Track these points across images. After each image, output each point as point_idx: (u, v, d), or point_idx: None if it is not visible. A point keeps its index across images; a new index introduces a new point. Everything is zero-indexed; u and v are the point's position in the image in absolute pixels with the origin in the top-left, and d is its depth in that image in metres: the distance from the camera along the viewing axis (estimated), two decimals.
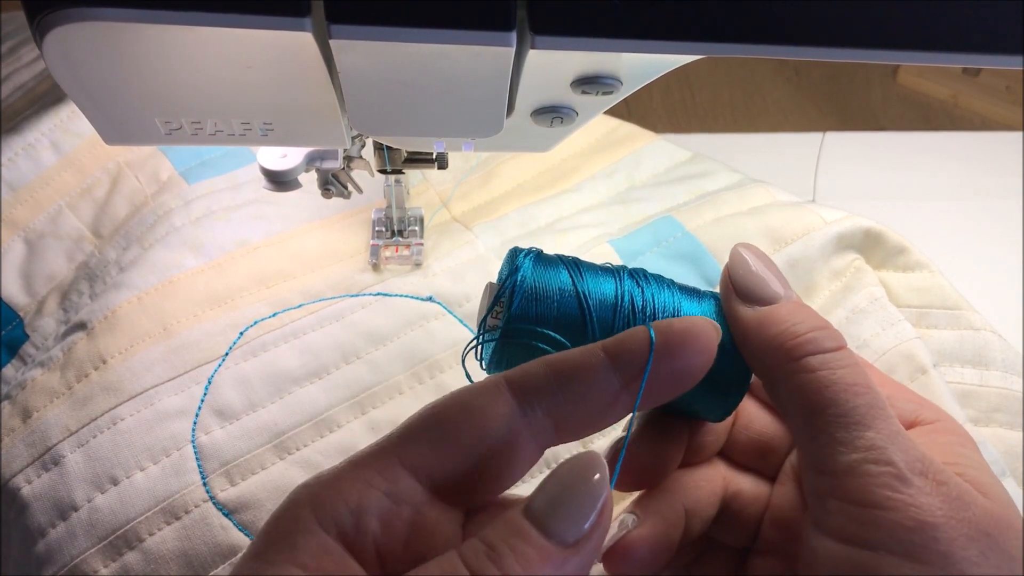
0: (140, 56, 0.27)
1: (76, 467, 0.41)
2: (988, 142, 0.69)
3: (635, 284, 0.31)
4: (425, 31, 0.26)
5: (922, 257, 0.49)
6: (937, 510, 0.26)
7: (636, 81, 0.32)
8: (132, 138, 0.31)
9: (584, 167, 0.58)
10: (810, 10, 0.26)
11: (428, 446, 0.25)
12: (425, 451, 0.25)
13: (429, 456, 0.25)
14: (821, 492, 0.28)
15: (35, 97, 0.61)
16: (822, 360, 0.29)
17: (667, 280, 0.33)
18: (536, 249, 0.32)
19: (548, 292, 0.30)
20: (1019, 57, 0.27)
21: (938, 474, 0.27)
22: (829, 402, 0.28)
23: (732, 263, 0.32)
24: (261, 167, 0.42)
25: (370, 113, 0.31)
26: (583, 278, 0.31)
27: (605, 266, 0.32)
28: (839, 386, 0.28)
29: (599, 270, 0.32)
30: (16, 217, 0.53)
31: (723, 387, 0.31)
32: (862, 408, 0.27)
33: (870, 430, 0.27)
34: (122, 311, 0.47)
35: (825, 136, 0.68)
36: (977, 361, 0.45)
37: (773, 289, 0.31)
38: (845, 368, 0.28)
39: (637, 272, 0.32)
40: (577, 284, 0.31)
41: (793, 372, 0.29)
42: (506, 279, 0.30)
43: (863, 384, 0.28)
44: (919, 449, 0.27)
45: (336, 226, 0.53)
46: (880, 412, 0.28)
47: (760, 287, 0.31)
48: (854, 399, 0.28)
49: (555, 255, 0.32)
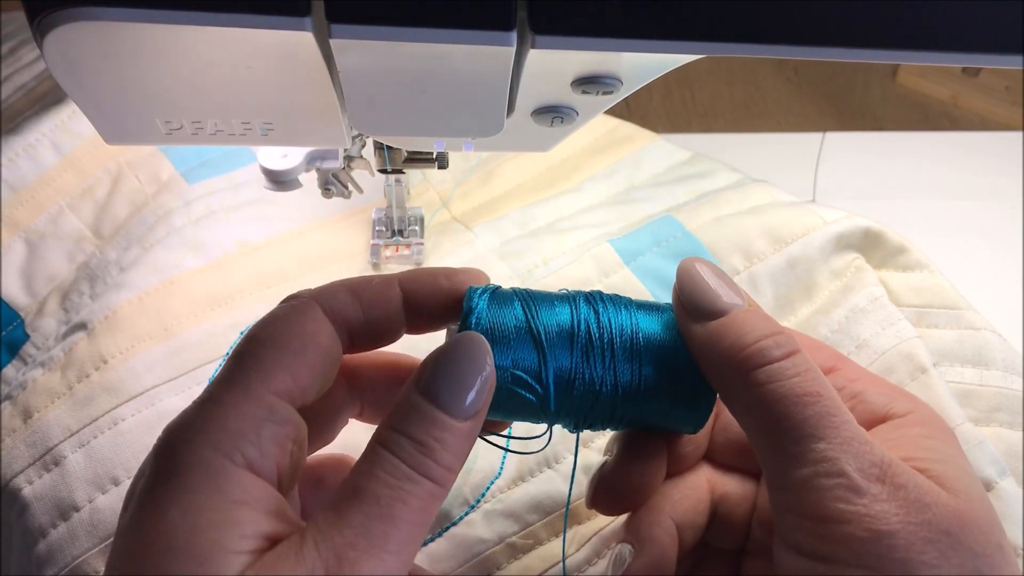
0: (140, 56, 0.27)
1: (77, 467, 0.41)
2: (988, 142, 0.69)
3: (591, 310, 0.31)
4: (425, 31, 0.26)
5: (922, 257, 0.49)
6: (892, 517, 0.26)
7: (636, 81, 0.32)
8: (132, 138, 0.32)
9: (584, 167, 0.58)
10: (810, 10, 0.26)
11: (283, 371, 0.28)
12: (285, 376, 0.28)
13: (287, 380, 0.28)
14: (780, 507, 0.28)
15: (36, 97, 0.61)
16: (769, 372, 0.28)
17: (624, 300, 0.32)
18: (492, 287, 0.32)
19: (504, 330, 0.30)
20: (1019, 57, 0.27)
21: (896, 477, 0.26)
22: (779, 416, 0.27)
23: (679, 280, 0.31)
24: (261, 167, 0.42)
25: (370, 113, 0.31)
26: (537, 312, 0.31)
27: (561, 293, 0.32)
28: (788, 399, 0.27)
29: (555, 300, 0.31)
30: (17, 217, 0.53)
31: (690, 400, 0.31)
32: (812, 419, 0.27)
33: (821, 441, 0.27)
34: (123, 311, 0.47)
35: (825, 136, 0.68)
36: (977, 361, 0.45)
37: (723, 301, 0.30)
38: (794, 378, 0.28)
39: (593, 297, 0.32)
40: (531, 320, 0.30)
41: (744, 388, 0.28)
42: (462, 322, 0.31)
43: (813, 393, 0.28)
44: (877, 452, 0.27)
45: (336, 226, 0.53)
46: (832, 420, 0.27)
47: (708, 301, 0.30)
48: (803, 410, 0.27)
49: (510, 289, 0.32)
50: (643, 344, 0.31)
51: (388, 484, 0.26)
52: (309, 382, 0.29)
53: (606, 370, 0.30)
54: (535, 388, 0.30)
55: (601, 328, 0.31)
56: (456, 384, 0.27)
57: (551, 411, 0.31)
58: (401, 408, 0.27)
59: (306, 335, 0.29)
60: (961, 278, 0.49)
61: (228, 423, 0.26)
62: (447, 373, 0.27)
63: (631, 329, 0.31)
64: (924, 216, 0.62)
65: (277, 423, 0.27)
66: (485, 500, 0.41)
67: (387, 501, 0.25)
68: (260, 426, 0.27)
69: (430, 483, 0.26)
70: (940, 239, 0.59)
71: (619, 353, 0.31)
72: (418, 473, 0.26)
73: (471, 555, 0.39)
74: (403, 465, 0.26)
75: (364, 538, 0.25)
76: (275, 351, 0.28)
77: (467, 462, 0.41)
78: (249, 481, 0.26)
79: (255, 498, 0.26)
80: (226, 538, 0.25)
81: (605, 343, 0.30)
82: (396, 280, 0.32)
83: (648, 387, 0.31)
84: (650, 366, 0.31)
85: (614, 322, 0.31)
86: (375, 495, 0.25)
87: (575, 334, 0.30)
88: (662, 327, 0.31)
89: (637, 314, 0.32)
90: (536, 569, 0.39)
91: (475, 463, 0.42)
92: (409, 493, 0.26)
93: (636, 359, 0.31)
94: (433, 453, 0.26)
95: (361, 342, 0.32)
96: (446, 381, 0.27)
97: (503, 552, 0.40)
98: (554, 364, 0.30)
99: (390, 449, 0.26)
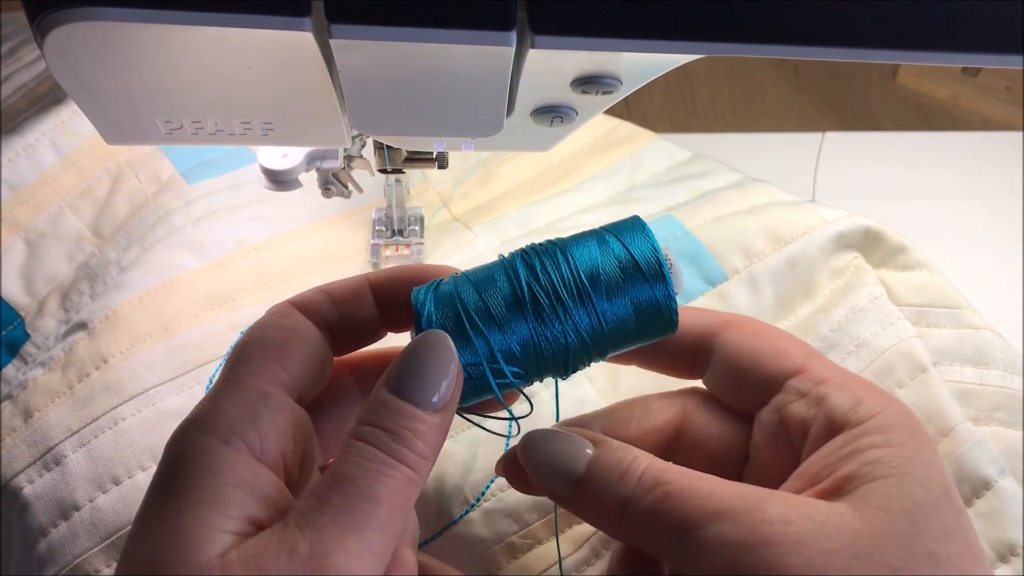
0: (141, 56, 0.27)
1: (78, 467, 0.42)
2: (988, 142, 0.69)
3: (528, 270, 0.31)
4: (425, 31, 0.26)
5: (922, 256, 0.49)
6: (790, 558, 0.26)
7: (636, 81, 0.32)
8: (133, 138, 0.32)
9: (584, 167, 0.58)
10: (810, 10, 0.26)
11: (271, 362, 0.30)
12: (276, 367, 0.30)
13: (277, 369, 0.30)
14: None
15: (36, 97, 0.61)
16: (632, 519, 0.29)
17: (559, 243, 0.32)
18: (434, 283, 0.32)
19: (457, 323, 0.31)
20: (1019, 57, 0.27)
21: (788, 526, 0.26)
22: (657, 541, 0.29)
23: (524, 464, 0.32)
24: (261, 167, 0.42)
25: (370, 113, 0.31)
26: (481, 293, 0.31)
27: (499, 262, 0.32)
28: (656, 524, 0.28)
29: (495, 273, 0.32)
30: (17, 217, 0.53)
31: (653, 311, 0.31)
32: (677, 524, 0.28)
33: (698, 529, 0.27)
34: (123, 311, 0.47)
35: (825, 136, 0.68)
36: (977, 360, 0.45)
37: (575, 465, 0.31)
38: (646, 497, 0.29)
39: (528, 253, 0.32)
40: (480, 302, 0.31)
41: (626, 536, 0.30)
42: (415, 325, 0.31)
43: (663, 498, 0.28)
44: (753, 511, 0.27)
45: (336, 226, 0.53)
46: (694, 512, 0.28)
47: (564, 476, 0.31)
48: (667, 519, 0.28)
49: (450, 279, 0.32)
50: (588, 283, 0.31)
51: (366, 468, 0.26)
52: (299, 371, 0.30)
53: (564, 323, 0.31)
54: (503, 371, 0.31)
55: (544, 286, 0.31)
56: (423, 380, 0.28)
57: (528, 383, 0.32)
58: (373, 405, 0.28)
59: (287, 329, 0.31)
60: (961, 278, 0.49)
61: (223, 412, 0.28)
62: (414, 371, 0.28)
63: (572, 274, 0.31)
64: (924, 216, 0.62)
65: (273, 408, 0.29)
66: (485, 499, 0.41)
67: (366, 483, 0.26)
68: (256, 412, 0.28)
69: (406, 468, 0.27)
70: (940, 239, 0.59)
71: (569, 302, 0.31)
72: (394, 459, 0.27)
73: (471, 555, 0.39)
74: (379, 452, 0.27)
75: (346, 516, 0.26)
76: (261, 346, 0.30)
77: (467, 460, 0.41)
78: (245, 465, 0.27)
79: (249, 482, 0.27)
80: (211, 517, 0.25)
81: (553, 299, 0.31)
82: (367, 280, 0.33)
83: (610, 319, 0.31)
84: (603, 300, 0.31)
85: (554, 274, 0.31)
86: (354, 478, 0.26)
87: (522, 301, 0.31)
88: (600, 255, 0.31)
89: (573, 254, 0.31)
90: (535, 569, 0.39)
91: (475, 462, 0.42)
92: (387, 475, 0.26)
93: (587, 300, 0.31)
94: (407, 442, 0.27)
95: (344, 342, 0.33)
96: (414, 378, 0.28)
97: (502, 552, 0.40)
98: (515, 338, 0.30)
99: (366, 440, 0.27)
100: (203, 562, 0.25)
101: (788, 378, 0.32)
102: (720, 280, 0.48)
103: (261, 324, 0.31)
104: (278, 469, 0.28)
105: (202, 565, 0.25)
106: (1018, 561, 0.38)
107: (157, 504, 0.26)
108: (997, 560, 0.38)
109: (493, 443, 0.42)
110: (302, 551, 0.25)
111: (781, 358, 0.33)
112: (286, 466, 0.29)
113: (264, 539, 0.25)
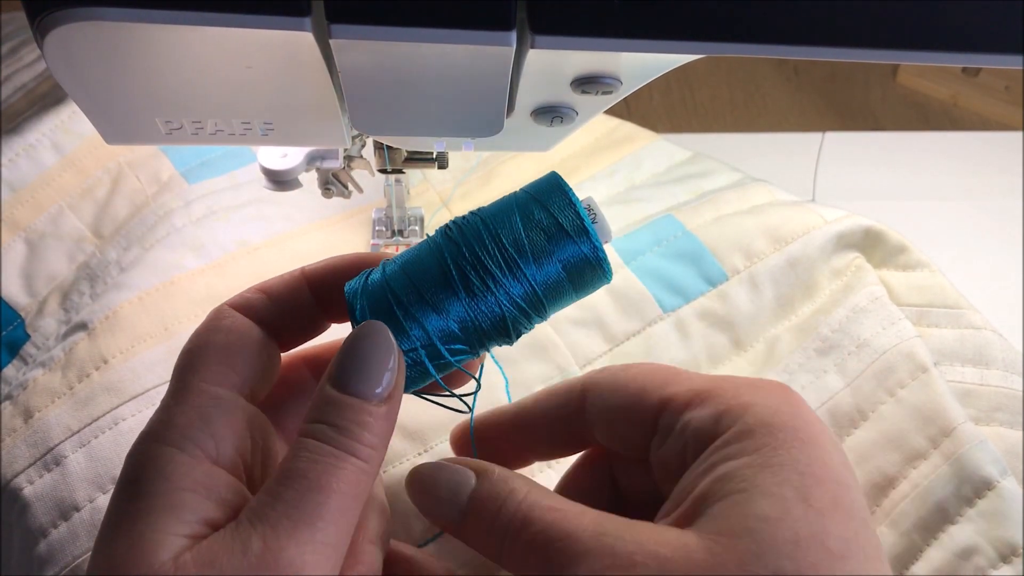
0: (141, 56, 0.27)
1: (78, 467, 0.42)
2: (988, 142, 0.69)
3: (454, 246, 0.31)
4: (425, 31, 0.26)
5: (922, 256, 0.49)
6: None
7: (636, 81, 0.32)
8: (133, 138, 0.32)
9: (584, 167, 0.58)
10: (810, 10, 0.26)
11: (216, 363, 0.30)
12: (224, 369, 0.30)
13: (223, 370, 0.30)
14: None
15: (36, 97, 0.61)
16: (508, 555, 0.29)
17: (479, 214, 0.32)
18: (364, 273, 0.32)
19: (391, 312, 0.30)
20: (1019, 57, 0.27)
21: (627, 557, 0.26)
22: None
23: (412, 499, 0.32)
24: (261, 167, 0.42)
25: (370, 113, 0.31)
26: (411, 278, 0.31)
27: (425, 242, 0.32)
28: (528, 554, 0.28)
29: (422, 255, 0.31)
30: (17, 217, 0.53)
31: (582, 264, 0.31)
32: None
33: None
34: (123, 311, 0.47)
35: (825, 136, 0.68)
36: (978, 360, 0.45)
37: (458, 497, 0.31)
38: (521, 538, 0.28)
39: (451, 228, 0.31)
40: (411, 288, 0.31)
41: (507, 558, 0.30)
42: (350, 318, 0.31)
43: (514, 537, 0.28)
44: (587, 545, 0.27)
45: (336, 226, 0.53)
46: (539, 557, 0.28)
47: (446, 503, 0.31)
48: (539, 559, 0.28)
49: (380, 266, 0.32)
50: (514, 252, 0.31)
51: (315, 462, 0.27)
52: (247, 371, 0.30)
53: (497, 295, 0.30)
54: (442, 352, 0.31)
55: (471, 261, 0.31)
56: (365, 373, 0.28)
57: (475, 355, 0.32)
58: (318, 403, 0.28)
59: (229, 331, 0.31)
60: (961, 278, 0.49)
61: (176, 420, 0.28)
62: (354, 365, 0.28)
63: (494, 244, 0.31)
64: (924, 216, 0.62)
65: (225, 411, 0.29)
66: None
67: (315, 476, 0.26)
68: (208, 416, 0.28)
69: (356, 459, 0.27)
70: (940, 239, 0.59)
71: (498, 273, 0.31)
72: (343, 451, 0.27)
73: (470, 555, 0.39)
74: (327, 446, 0.27)
75: (297, 509, 0.26)
76: (206, 352, 0.30)
77: None
78: (201, 469, 0.27)
79: (205, 485, 0.27)
80: (165, 522, 0.26)
81: (482, 273, 0.30)
82: (302, 274, 0.33)
83: (541, 282, 0.31)
84: (531, 265, 0.31)
85: (479, 247, 0.31)
86: (303, 472, 0.26)
87: (452, 280, 0.30)
88: (522, 221, 0.31)
89: (496, 225, 0.31)
90: None
91: None
92: (337, 467, 0.27)
93: (516, 268, 0.31)
94: (354, 434, 0.27)
95: (288, 337, 0.33)
96: (355, 372, 0.28)
97: None
98: (452, 317, 0.31)
99: (314, 436, 0.27)
100: (156, 565, 0.25)
101: (656, 417, 0.31)
102: (720, 280, 0.48)
103: (203, 330, 0.31)
104: (237, 470, 0.29)
105: (155, 568, 0.25)
106: (1019, 561, 0.38)
107: (114, 514, 0.27)
108: (999, 560, 0.38)
109: None
110: (255, 547, 0.25)
111: (641, 402, 0.32)
112: (246, 466, 0.29)
113: (218, 539, 0.26)
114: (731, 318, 0.47)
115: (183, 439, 0.28)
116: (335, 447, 0.27)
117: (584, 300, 0.47)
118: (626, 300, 0.47)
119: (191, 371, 0.30)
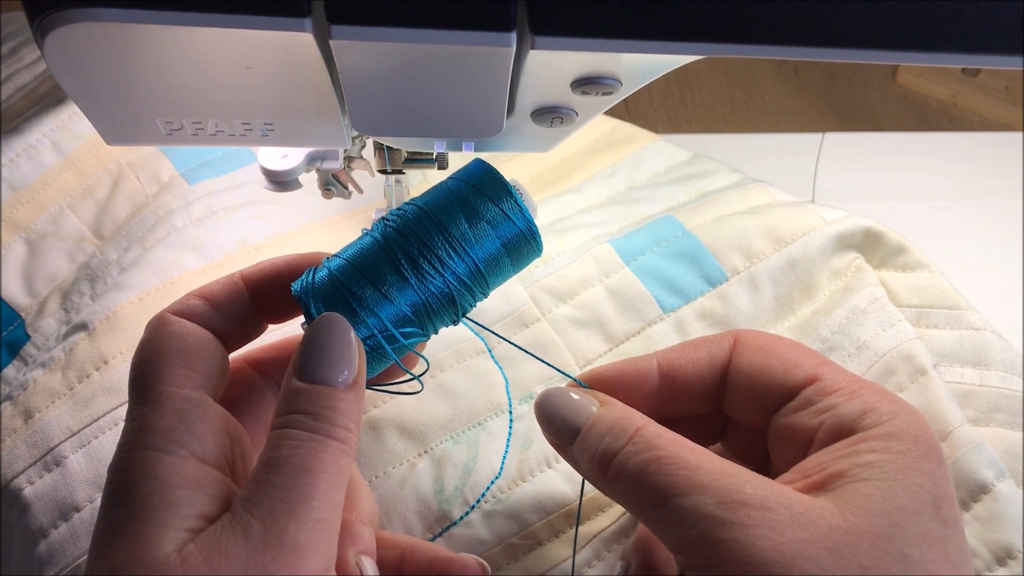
0: (141, 56, 0.27)
1: (78, 467, 0.42)
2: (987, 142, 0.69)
3: (398, 236, 0.33)
4: (425, 31, 0.26)
5: (922, 257, 0.49)
6: (762, 541, 0.26)
7: (636, 81, 0.32)
8: (133, 138, 0.32)
9: (584, 167, 0.58)
10: (810, 10, 0.26)
11: (177, 367, 0.30)
12: (187, 372, 0.30)
13: (186, 371, 0.30)
14: (686, 568, 0.29)
15: (36, 98, 0.61)
16: (617, 468, 0.30)
17: (418, 201, 0.34)
18: (310, 271, 0.33)
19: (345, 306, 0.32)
20: (1019, 57, 0.27)
21: (764, 501, 0.27)
22: (639, 495, 0.29)
23: (538, 419, 0.34)
24: (262, 167, 0.42)
25: (370, 113, 0.31)
26: (360, 271, 0.32)
27: (370, 235, 0.34)
28: (637, 480, 0.29)
29: (367, 249, 0.33)
30: (17, 218, 0.53)
31: (518, 240, 0.34)
32: (660, 485, 0.29)
33: (677, 497, 0.28)
34: (123, 311, 0.47)
35: (825, 136, 0.68)
36: (977, 361, 0.45)
37: (574, 420, 0.33)
38: (635, 457, 0.30)
39: (394, 219, 0.34)
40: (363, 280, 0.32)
41: (611, 488, 0.31)
42: (304, 316, 0.33)
43: (652, 460, 0.29)
44: (735, 482, 0.28)
45: (337, 226, 0.53)
46: (679, 476, 0.28)
47: (563, 429, 0.33)
48: (651, 480, 0.29)
49: (324, 264, 0.34)
50: (455, 234, 0.33)
51: (297, 447, 0.28)
52: (207, 371, 0.31)
53: (445, 277, 0.33)
54: (398, 337, 0.32)
55: (414, 248, 0.33)
56: (328, 361, 0.29)
57: (426, 337, 0.34)
58: (287, 396, 0.29)
59: (181, 336, 0.31)
60: (961, 278, 0.49)
61: (154, 425, 0.29)
62: (317, 355, 0.30)
63: (437, 230, 0.33)
64: (924, 216, 0.62)
65: (200, 410, 0.30)
66: (485, 500, 0.41)
67: (300, 459, 0.28)
68: (187, 417, 0.29)
69: (334, 441, 0.28)
70: (940, 239, 0.59)
71: (444, 256, 0.33)
72: (321, 435, 0.28)
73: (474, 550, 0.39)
74: (304, 432, 0.28)
75: (290, 492, 0.27)
76: (164, 357, 0.31)
77: (468, 462, 0.41)
78: (189, 467, 0.28)
79: (196, 481, 0.28)
80: (163, 518, 0.26)
81: (428, 259, 0.33)
82: (240, 277, 0.35)
83: (483, 260, 0.33)
84: (473, 246, 0.33)
85: (423, 235, 0.33)
86: (288, 458, 0.28)
87: (401, 267, 0.32)
88: (459, 206, 0.33)
89: (433, 210, 0.33)
90: (536, 570, 0.39)
91: (476, 463, 0.42)
92: (318, 450, 0.28)
93: (458, 249, 0.33)
94: (328, 418, 0.29)
95: (229, 340, 0.34)
96: (319, 362, 0.29)
97: (502, 553, 0.40)
98: (404, 302, 0.32)
99: (289, 426, 0.28)
100: (160, 559, 0.25)
101: (801, 388, 0.32)
102: (720, 280, 0.48)
103: (154, 339, 0.31)
104: (221, 466, 0.29)
105: (160, 562, 0.25)
106: (1015, 564, 0.38)
107: (106, 520, 0.27)
108: (995, 563, 0.38)
109: (492, 444, 0.42)
110: (257, 531, 0.26)
111: (793, 370, 0.33)
112: (228, 462, 0.30)
113: (217, 528, 0.26)
114: (731, 318, 0.47)
115: (167, 442, 0.28)
116: (313, 432, 0.28)
117: (584, 300, 0.47)
118: (626, 300, 0.47)
119: (156, 378, 0.30)
